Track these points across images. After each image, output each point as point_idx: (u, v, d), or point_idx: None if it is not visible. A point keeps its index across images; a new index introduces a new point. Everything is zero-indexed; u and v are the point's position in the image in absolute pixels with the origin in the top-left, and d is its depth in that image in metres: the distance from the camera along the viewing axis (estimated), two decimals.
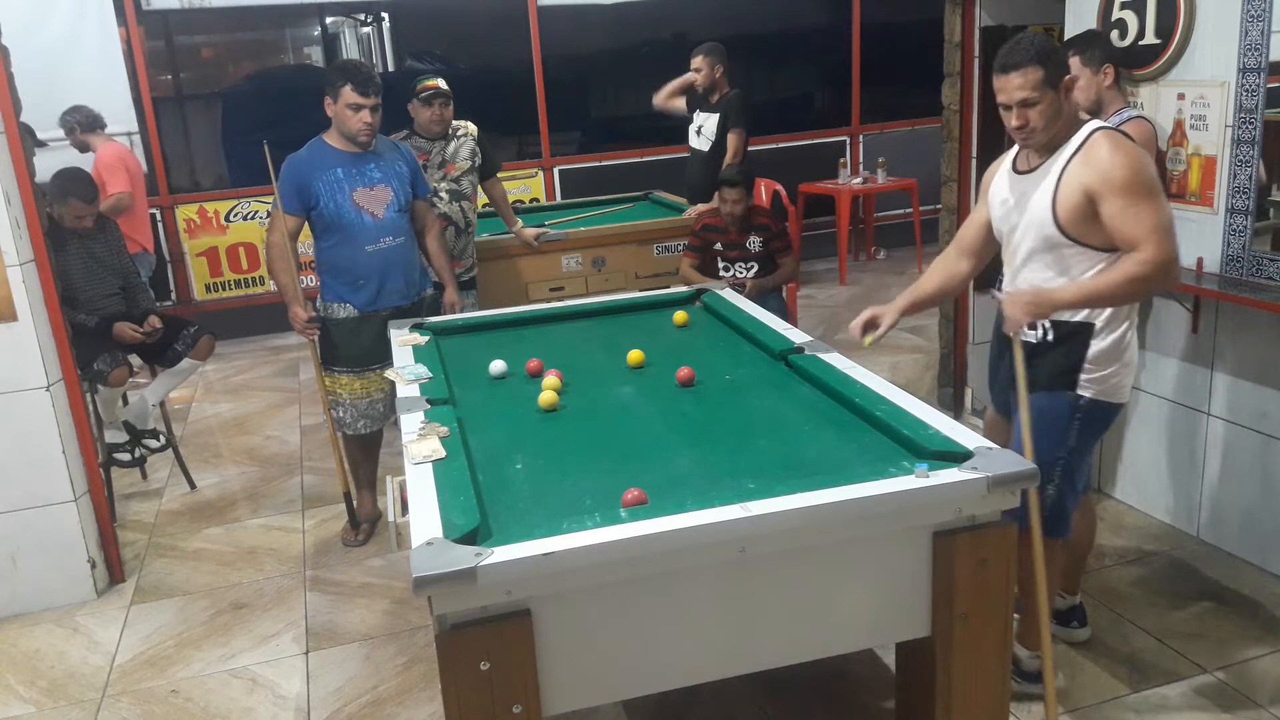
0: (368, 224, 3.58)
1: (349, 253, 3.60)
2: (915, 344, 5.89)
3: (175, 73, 7.44)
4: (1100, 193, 2.33)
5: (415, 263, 3.78)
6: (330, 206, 3.54)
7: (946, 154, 4.52)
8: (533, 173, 7.34)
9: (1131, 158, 2.33)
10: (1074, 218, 2.38)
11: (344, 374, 3.71)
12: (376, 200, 3.60)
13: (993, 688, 2.14)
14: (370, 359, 3.66)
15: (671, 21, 7.84)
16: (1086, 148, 2.38)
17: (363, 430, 3.79)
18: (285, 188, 3.56)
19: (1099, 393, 2.52)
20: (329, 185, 3.53)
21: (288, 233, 3.59)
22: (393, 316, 3.61)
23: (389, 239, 3.63)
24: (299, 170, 3.55)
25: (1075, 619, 2.94)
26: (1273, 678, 2.75)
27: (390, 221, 3.63)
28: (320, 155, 3.58)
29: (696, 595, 1.94)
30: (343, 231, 3.58)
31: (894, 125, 8.16)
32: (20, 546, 3.47)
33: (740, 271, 4.42)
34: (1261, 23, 2.96)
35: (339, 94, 3.47)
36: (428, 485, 2.09)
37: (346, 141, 3.57)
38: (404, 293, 3.70)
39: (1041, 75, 2.35)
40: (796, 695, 2.77)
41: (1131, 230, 2.31)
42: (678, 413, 2.62)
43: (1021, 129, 2.43)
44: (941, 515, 2.01)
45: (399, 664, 3.06)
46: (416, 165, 3.82)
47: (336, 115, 3.52)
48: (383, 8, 7.90)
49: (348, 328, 3.65)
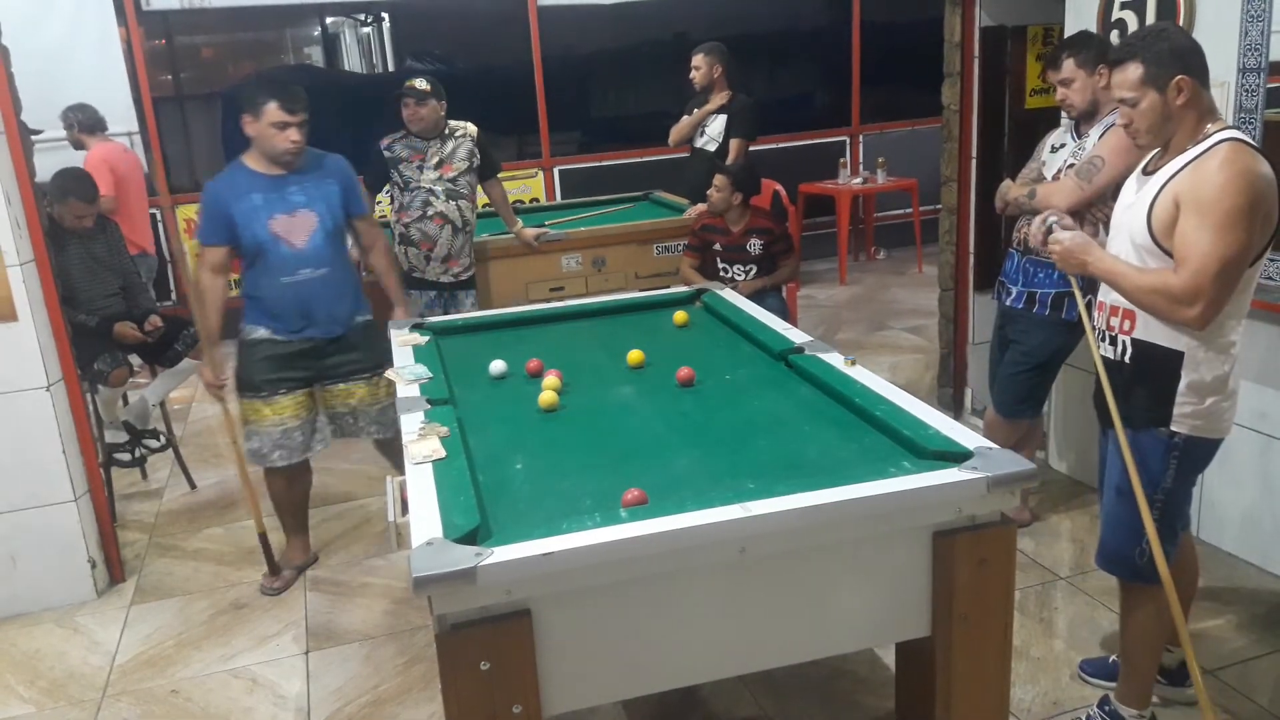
0: (284, 254, 3.32)
1: (266, 283, 3.36)
2: (915, 344, 5.89)
3: (175, 73, 7.44)
4: (1184, 202, 2.15)
5: (345, 291, 3.49)
6: (248, 236, 3.29)
7: (947, 154, 4.52)
8: (533, 173, 7.34)
9: (1238, 176, 2.11)
10: (1165, 227, 2.20)
11: (255, 399, 3.42)
12: (297, 228, 3.33)
13: (992, 688, 2.14)
14: (282, 385, 3.41)
15: (671, 21, 7.83)
16: (1205, 155, 2.17)
17: (278, 462, 3.46)
18: (206, 218, 3.33)
19: (1197, 428, 2.29)
20: (246, 213, 3.28)
21: (215, 267, 3.36)
22: (315, 349, 3.43)
23: (308, 270, 3.35)
24: (217, 198, 3.31)
25: (1188, 677, 2.57)
26: (1273, 678, 2.75)
27: (312, 251, 3.35)
28: (237, 181, 3.32)
29: (696, 595, 1.94)
30: (261, 261, 3.34)
31: (894, 125, 8.16)
32: (20, 546, 3.47)
33: (739, 274, 4.42)
34: (1261, 23, 2.96)
35: (262, 111, 3.22)
36: (428, 485, 2.09)
37: (268, 163, 3.31)
38: (328, 325, 3.44)
39: (1141, 74, 2.19)
40: (796, 695, 2.77)
41: (1183, 249, 2.15)
42: (678, 413, 2.62)
43: (1127, 127, 2.30)
44: (941, 515, 2.01)
45: (399, 664, 3.06)
46: (352, 182, 3.54)
47: (259, 135, 3.26)
48: (383, 8, 7.90)
49: (262, 350, 3.40)
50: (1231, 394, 2.31)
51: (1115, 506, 2.43)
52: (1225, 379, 2.28)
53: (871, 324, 6.40)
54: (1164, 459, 2.32)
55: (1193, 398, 2.27)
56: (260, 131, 3.25)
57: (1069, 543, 3.56)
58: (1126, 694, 2.53)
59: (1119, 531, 2.42)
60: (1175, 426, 2.29)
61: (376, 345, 3.51)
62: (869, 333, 6.23)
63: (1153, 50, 2.19)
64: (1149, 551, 2.30)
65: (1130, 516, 2.33)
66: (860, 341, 5.99)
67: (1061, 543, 3.56)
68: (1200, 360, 2.25)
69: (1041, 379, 3.49)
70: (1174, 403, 2.28)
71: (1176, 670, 2.67)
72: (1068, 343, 3.38)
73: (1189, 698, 2.65)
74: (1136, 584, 2.42)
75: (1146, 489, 2.30)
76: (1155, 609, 2.40)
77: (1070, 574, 3.35)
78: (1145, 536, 2.30)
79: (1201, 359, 2.25)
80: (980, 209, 4.40)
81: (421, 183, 4.46)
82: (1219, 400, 2.29)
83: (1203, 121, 2.23)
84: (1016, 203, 3.36)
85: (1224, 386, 2.29)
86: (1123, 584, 2.48)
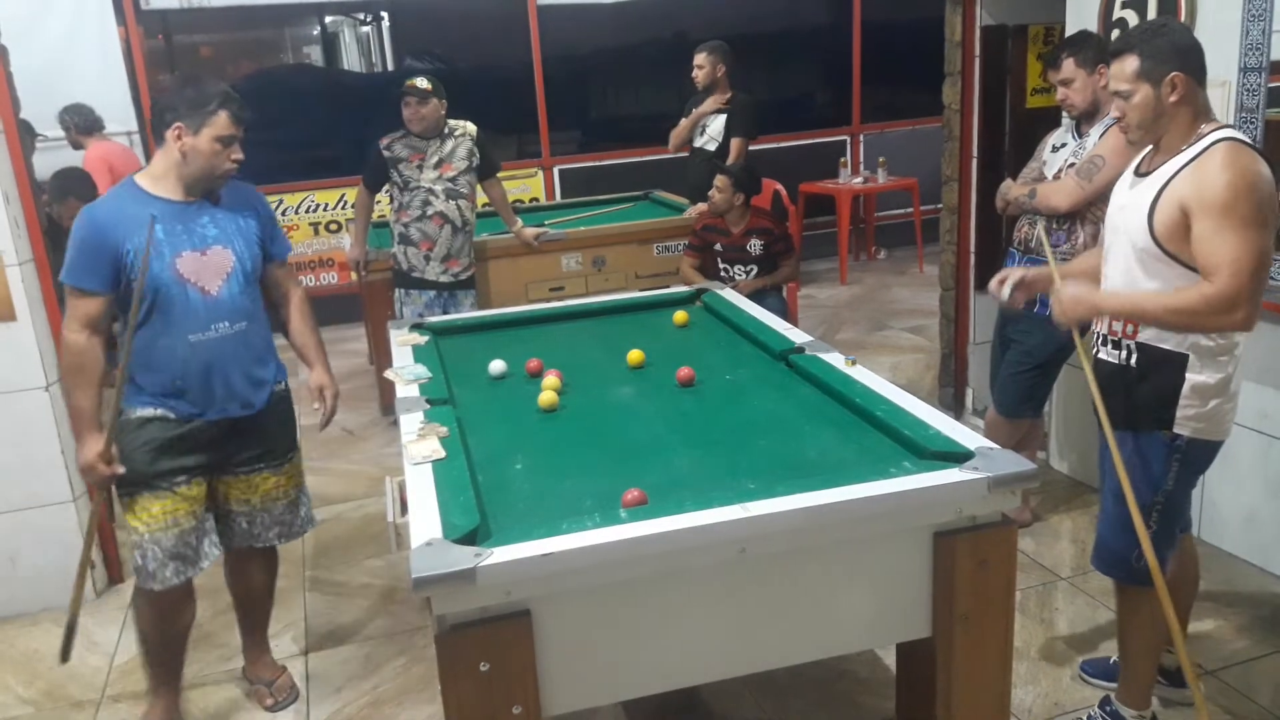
0: (194, 304, 2.52)
1: (167, 344, 2.51)
2: (916, 344, 5.88)
3: (174, 72, 7.43)
4: (1194, 209, 2.12)
5: (265, 353, 2.71)
6: (145, 279, 2.44)
7: (947, 154, 4.52)
8: (532, 172, 7.34)
9: (1241, 177, 2.09)
10: (1169, 231, 2.17)
11: (143, 494, 2.54)
12: (210, 269, 2.55)
13: (993, 688, 2.14)
14: (180, 474, 2.57)
15: (671, 21, 7.83)
16: (1203, 157, 2.15)
17: (173, 579, 2.58)
18: (81, 253, 2.44)
19: (1199, 430, 2.28)
20: (141, 249, 2.43)
21: (90, 323, 2.47)
22: (220, 432, 2.62)
23: (224, 324, 2.57)
24: (99, 228, 2.44)
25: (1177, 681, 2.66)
26: (1273, 678, 2.75)
27: (228, 300, 2.58)
28: (132, 205, 2.48)
29: (696, 596, 1.94)
30: (161, 314, 2.50)
31: (894, 125, 8.15)
32: (20, 546, 3.47)
33: (740, 274, 4.42)
34: (1262, 22, 2.96)
35: (209, 122, 2.47)
36: (427, 485, 2.09)
37: (176, 186, 2.54)
38: (246, 397, 2.64)
39: (1136, 67, 2.17)
40: (796, 695, 2.77)
41: (1209, 257, 2.10)
42: (678, 413, 2.61)
43: (1119, 120, 2.29)
44: (942, 515, 2.01)
45: (399, 664, 3.06)
46: (273, 216, 2.79)
47: (192, 150, 2.48)
48: (382, 8, 7.90)
49: (150, 432, 2.53)
50: (1233, 395, 2.31)
51: (1113, 509, 2.43)
52: (1228, 381, 2.28)
53: (872, 324, 6.39)
54: (1166, 461, 2.32)
55: (1196, 400, 2.26)
56: (195, 147, 2.49)
57: (1070, 543, 3.55)
58: (1127, 695, 2.53)
59: (1117, 534, 2.41)
60: (1178, 429, 2.29)
61: (291, 422, 2.85)
62: (869, 333, 6.22)
63: (1150, 44, 2.18)
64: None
65: (1128, 520, 2.33)
66: (860, 341, 5.99)
67: (1062, 543, 3.56)
68: (1205, 362, 2.25)
69: (1042, 379, 3.49)
70: (1178, 405, 2.27)
71: (1176, 671, 2.67)
72: (1069, 343, 3.36)
73: (1189, 698, 2.64)
74: (1134, 586, 2.42)
75: (1147, 492, 2.31)
76: (1153, 611, 2.40)
77: (1071, 574, 3.34)
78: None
79: (1207, 361, 2.25)
80: (981, 208, 4.40)
81: (421, 182, 4.46)
82: (1221, 402, 2.28)
83: (1197, 121, 2.21)
84: (1017, 202, 3.36)
85: (1226, 388, 2.28)
86: (1119, 586, 2.48)
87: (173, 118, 2.48)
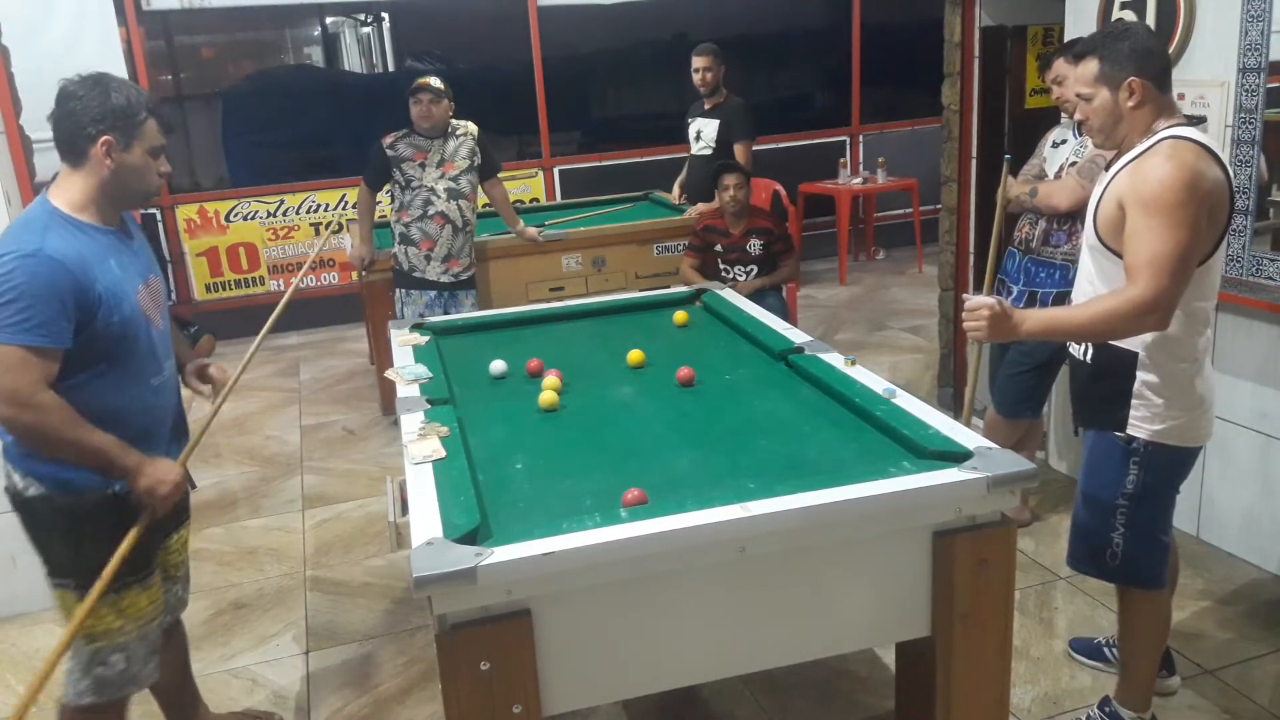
0: (154, 341, 2.23)
1: (134, 391, 2.19)
2: (915, 344, 5.89)
3: (175, 73, 7.44)
4: (1127, 202, 2.11)
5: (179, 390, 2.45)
6: (113, 321, 2.10)
7: (947, 154, 4.52)
8: (533, 173, 7.34)
9: (1173, 174, 2.05)
10: (1109, 227, 2.17)
11: (133, 588, 2.23)
12: (154, 301, 2.27)
13: (992, 688, 2.14)
14: (155, 553, 2.32)
15: (671, 21, 7.84)
16: (1148, 153, 2.13)
17: (149, 679, 2.32)
18: (47, 307, 1.98)
19: (1158, 434, 2.23)
20: (110, 286, 2.09)
21: (51, 383, 2.02)
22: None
23: (169, 362, 2.32)
24: (63, 272, 2.00)
25: (1164, 667, 2.65)
26: (1273, 678, 2.75)
27: (166, 334, 2.32)
28: (81, 238, 2.09)
29: (696, 595, 1.94)
30: (126, 359, 2.15)
31: (894, 125, 8.16)
32: (20, 546, 3.43)
33: (740, 275, 4.42)
34: (1261, 22, 2.96)
35: (140, 132, 2.13)
36: (428, 485, 2.09)
37: (103, 210, 2.16)
38: (180, 442, 2.38)
39: (1096, 70, 2.17)
40: (796, 695, 2.77)
41: (1133, 255, 2.08)
42: (678, 413, 2.61)
43: (1083, 124, 2.29)
44: (942, 515, 2.01)
45: (399, 664, 3.06)
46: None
47: (122, 166, 2.12)
48: (383, 8, 7.91)
49: (123, 505, 2.18)
50: (1201, 401, 2.26)
51: (1078, 508, 2.47)
52: (1189, 387, 2.22)
53: (871, 324, 6.40)
54: (1122, 464, 2.29)
55: (1148, 401, 2.23)
56: (126, 163, 2.12)
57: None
58: (1126, 696, 2.53)
59: (1083, 533, 2.45)
60: (1133, 431, 2.26)
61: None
62: (869, 333, 6.23)
63: (1111, 49, 2.18)
64: (1119, 553, 2.33)
65: (1089, 518, 2.38)
66: (860, 341, 5.99)
67: (1061, 543, 3.55)
68: (1156, 363, 2.21)
69: (1042, 379, 3.50)
70: (1129, 406, 2.24)
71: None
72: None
73: (1168, 688, 2.69)
74: (1133, 589, 2.43)
75: (1107, 493, 2.31)
76: (1152, 613, 2.42)
77: (1070, 574, 3.33)
78: (1114, 539, 2.32)
79: (1158, 361, 2.21)
80: (980, 209, 4.40)
81: (424, 181, 4.46)
82: (1186, 409, 2.23)
83: (1157, 123, 2.19)
84: (1018, 200, 3.37)
85: (1189, 394, 2.23)
86: (1120, 588, 2.49)
87: (98, 130, 2.08)
